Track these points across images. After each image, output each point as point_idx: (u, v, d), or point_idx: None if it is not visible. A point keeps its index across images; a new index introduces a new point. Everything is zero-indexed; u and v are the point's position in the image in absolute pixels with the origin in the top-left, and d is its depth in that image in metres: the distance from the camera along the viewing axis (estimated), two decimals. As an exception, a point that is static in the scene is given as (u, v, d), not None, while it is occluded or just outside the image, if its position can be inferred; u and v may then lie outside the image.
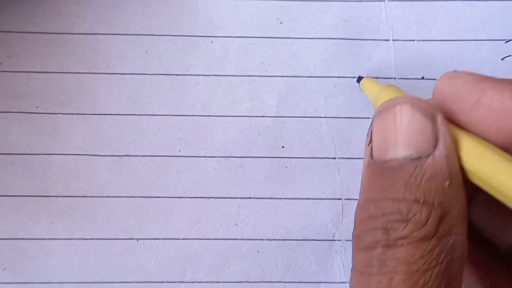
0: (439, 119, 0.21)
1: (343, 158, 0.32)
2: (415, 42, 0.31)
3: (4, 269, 0.31)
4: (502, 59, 0.31)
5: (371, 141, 0.22)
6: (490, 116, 0.20)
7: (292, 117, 0.32)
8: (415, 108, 0.21)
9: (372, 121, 0.23)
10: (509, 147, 0.20)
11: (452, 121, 0.22)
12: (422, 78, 0.31)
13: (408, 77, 0.31)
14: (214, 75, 0.32)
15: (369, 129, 0.23)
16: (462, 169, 0.21)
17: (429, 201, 0.20)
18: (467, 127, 0.21)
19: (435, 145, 0.20)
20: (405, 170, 0.20)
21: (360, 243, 0.21)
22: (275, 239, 0.32)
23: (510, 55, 0.31)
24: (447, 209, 0.20)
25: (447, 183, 0.20)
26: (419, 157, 0.20)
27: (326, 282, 0.32)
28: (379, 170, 0.21)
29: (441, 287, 0.19)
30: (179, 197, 0.31)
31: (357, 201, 0.22)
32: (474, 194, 0.25)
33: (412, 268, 0.19)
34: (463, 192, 0.21)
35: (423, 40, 0.31)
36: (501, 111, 0.20)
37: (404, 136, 0.21)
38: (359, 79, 0.31)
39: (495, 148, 0.20)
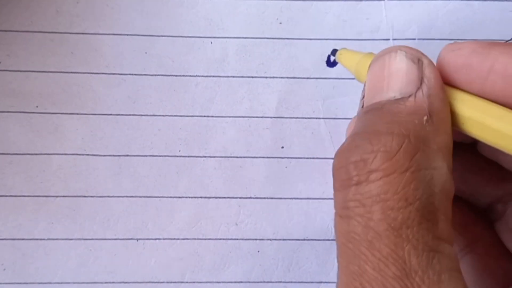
0: (425, 62, 0.21)
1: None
2: (416, 41, 0.31)
3: (4, 269, 0.31)
4: (501, 59, 0.31)
5: (364, 96, 0.23)
6: (508, 82, 0.20)
7: (291, 118, 0.31)
8: (402, 54, 0.21)
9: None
10: None
11: (463, 90, 0.21)
12: None
13: (408, 77, 0.31)
14: (213, 76, 0.31)
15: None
16: (455, 116, 0.21)
17: (401, 133, 0.19)
18: (483, 97, 0.21)
19: (419, 87, 0.20)
20: (385, 108, 0.21)
21: (336, 182, 0.21)
22: (275, 239, 0.31)
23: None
24: (424, 142, 0.20)
25: (425, 118, 0.20)
26: (402, 98, 0.20)
27: (326, 282, 0.31)
28: (363, 113, 0.22)
29: (423, 223, 0.19)
30: (179, 197, 0.31)
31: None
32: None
33: (388, 205, 0.19)
34: (446, 130, 0.20)
35: (423, 40, 0.31)
36: None
37: (390, 80, 0.21)
38: (334, 51, 0.29)
39: (485, 100, 0.21)
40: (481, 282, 0.26)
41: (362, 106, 0.22)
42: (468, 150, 0.26)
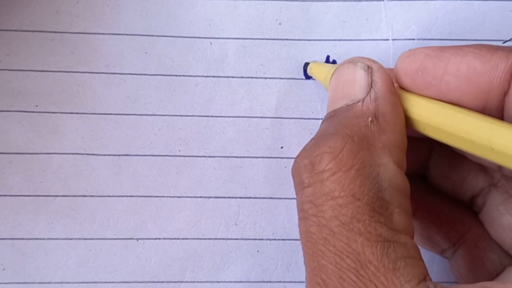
0: (375, 68, 0.23)
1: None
2: (415, 41, 0.31)
3: (4, 269, 0.30)
4: (500, 59, 0.31)
5: None
6: (461, 81, 0.21)
7: (291, 118, 0.31)
8: (354, 64, 0.23)
9: None
10: (485, 107, 0.21)
11: (421, 96, 0.22)
12: None
13: (407, 77, 0.31)
14: (213, 76, 0.31)
15: None
16: (410, 120, 0.22)
17: (346, 134, 0.21)
18: (440, 99, 0.22)
19: (369, 92, 0.22)
20: (336, 115, 0.22)
21: (294, 187, 0.22)
22: (274, 239, 0.31)
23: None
24: (368, 142, 0.21)
25: (369, 119, 0.21)
26: (352, 104, 0.22)
27: (326, 282, 0.31)
28: (321, 123, 0.23)
29: (375, 216, 0.19)
30: (179, 197, 0.31)
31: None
32: (430, 157, 0.27)
33: (337, 202, 0.20)
34: (394, 130, 0.21)
35: (423, 39, 0.31)
36: (471, 73, 0.21)
37: (343, 89, 0.23)
38: (306, 65, 0.31)
39: (437, 100, 0.22)
40: (473, 274, 0.26)
41: None
42: (444, 146, 0.26)
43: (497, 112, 0.21)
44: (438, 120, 0.21)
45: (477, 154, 0.20)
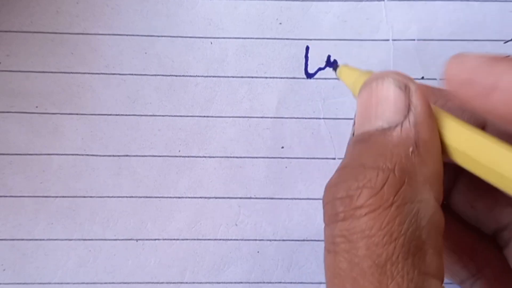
0: (413, 88, 0.21)
1: (342, 158, 0.31)
2: (415, 41, 0.31)
3: (4, 269, 0.30)
4: (500, 59, 0.30)
5: (355, 122, 0.22)
6: (510, 102, 0.19)
7: (291, 118, 0.31)
8: (389, 81, 0.21)
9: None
10: None
11: (468, 107, 0.20)
12: (422, 78, 0.31)
13: (408, 77, 0.31)
14: (213, 76, 0.31)
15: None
16: (444, 145, 0.20)
17: (387, 167, 0.19)
18: (484, 115, 0.20)
19: (406, 115, 0.20)
20: (372, 140, 0.20)
21: (324, 217, 0.20)
22: (275, 240, 0.31)
23: (508, 56, 0.30)
24: (409, 175, 0.19)
25: (410, 149, 0.19)
26: (389, 127, 0.20)
27: (326, 283, 0.31)
28: (352, 144, 0.21)
29: (409, 259, 0.18)
30: (179, 197, 0.31)
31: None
32: (455, 182, 0.25)
33: (373, 241, 0.18)
34: (433, 160, 0.20)
35: (423, 40, 0.31)
36: None
37: (377, 109, 0.21)
38: (336, 66, 0.30)
39: (478, 129, 0.20)
40: None
41: (353, 134, 0.22)
42: (472, 175, 0.25)
43: None
44: (469, 147, 0.20)
45: (506, 190, 0.19)
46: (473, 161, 0.19)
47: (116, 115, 0.31)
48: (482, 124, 0.23)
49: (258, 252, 0.31)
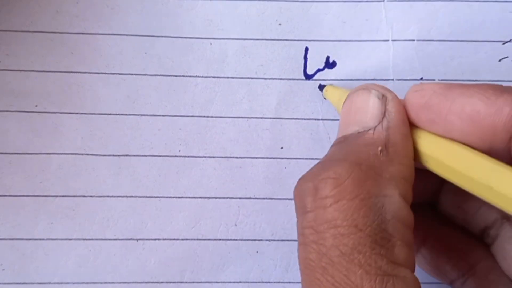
0: (389, 97, 0.22)
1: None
2: (415, 42, 0.31)
3: (3, 269, 0.30)
4: (500, 60, 0.31)
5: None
6: (464, 122, 0.21)
7: (290, 118, 0.31)
8: (368, 92, 0.23)
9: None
10: (491, 149, 0.20)
11: (428, 131, 0.22)
12: (421, 78, 0.31)
13: (407, 78, 0.31)
14: (213, 76, 0.31)
15: None
16: (418, 152, 0.22)
17: (353, 162, 0.20)
18: (444, 134, 0.22)
19: (381, 121, 0.22)
20: (346, 141, 0.22)
21: (296, 210, 0.21)
22: (274, 240, 0.31)
23: (507, 57, 0.31)
24: (375, 171, 0.20)
25: (379, 148, 0.21)
26: (363, 132, 0.22)
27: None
28: (330, 147, 0.23)
29: (376, 249, 0.19)
30: (179, 197, 0.31)
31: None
32: (442, 186, 0.27)
33: (339, 232, 0.19)
34: (402, 161, 0.21)
35: (423, 40, 0.31)
36: (474, 115, 0.20)
37: (355, 116, 0.23)
38: (321, 87, 0.31)
39: (449, 139, 0.21)
40: None
41: None
42: None
43: (504, 155, 0.20)
44: (441, 154, 0.21)
45: (476, 193, 0.20)
46: (446, 167, 0.21)
47: (116, 114, 0.31)
48: None
49: (257, 252, 0.31)
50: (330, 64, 0.31)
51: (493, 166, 0.20)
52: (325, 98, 0.31)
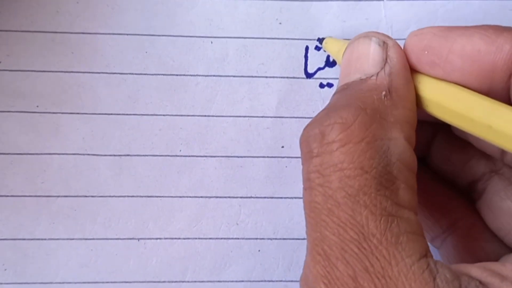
0: (390, 44, 0.23)
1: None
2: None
3: (5, 269, 0.30)
4: (500, 58, 0.30)
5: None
6: (465, 61, 0.21)
7: (291, 117, 0.31)
8: (368, 39, 0.23)
9: None
10: (491, 89, 0.21)
11: (428, 75, 0.22)
12: None
13: (407, 76, 0.30)
14: (214, 75, 0.31)
15: None
16: (419, 98, 0.22)
17: (359, 106, 0.20)
18: (445, 76, 0.22)
19: (383, 67, 0.22)
20: (349, 88, 0.22)
21: (301, 156, 0.22)
22: (276, 239, 0.31)
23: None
24: (380, 115, 0.21)
25: (383, 93, 0.21)
26: (366, 78, 0.22)
27: (327, 281, 0.31)
28: (333, 95, 0.23)
29: (381, 190, 0.19)
30: (180, 197, 0.31)
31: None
32: (433, 140, 0.27)
33: (345, 174, 0.20)
34: (406, 105, 0.21)
35: (424, 39, 0.30)
36: (474, 54, 0.21)
37: (357, 63, 0.23)
38: (321, 40, 0.31)
39: (448, 82, 0.22)
40: (463, 263, 0.26)
41: None
42: (449, 131, 0.26)
43: (503, 94, 0.21)
44: (441, 97, 0.21)
45: (476, 133, 0.20)
46: (446, 109, 0.21)
47: (117, 114, 0.30)
48: None
49: (259, 251, 0.31)
50: (330, 63, 0.31)
51: (492, 106, 0.20)
52: (324, 51, 0.30)
